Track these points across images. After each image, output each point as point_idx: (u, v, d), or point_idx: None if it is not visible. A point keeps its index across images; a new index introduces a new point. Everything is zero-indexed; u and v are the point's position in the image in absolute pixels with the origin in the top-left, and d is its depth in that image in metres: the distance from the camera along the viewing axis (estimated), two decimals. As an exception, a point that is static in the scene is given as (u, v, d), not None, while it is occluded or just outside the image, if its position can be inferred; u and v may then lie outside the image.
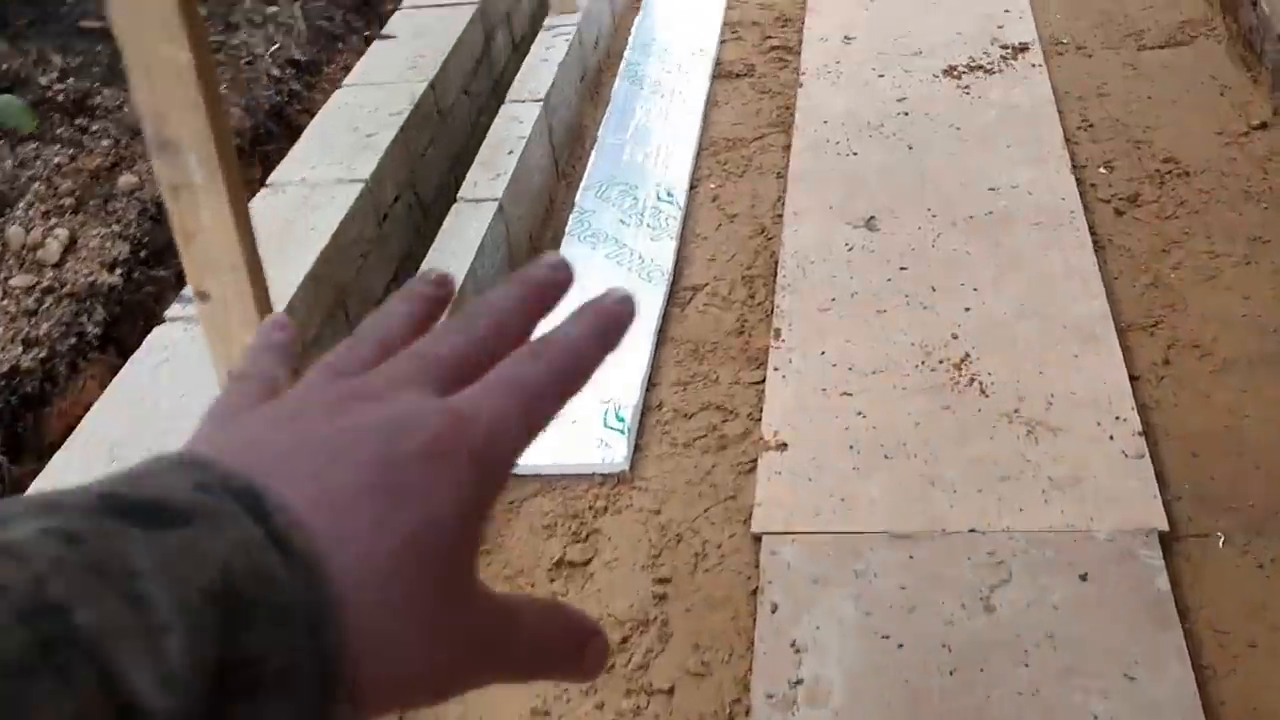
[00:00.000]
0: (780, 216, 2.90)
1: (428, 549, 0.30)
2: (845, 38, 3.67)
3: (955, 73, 3.38)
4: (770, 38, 3.79)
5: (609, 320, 0.36)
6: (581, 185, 3.02)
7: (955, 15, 3.68)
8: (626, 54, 3.68)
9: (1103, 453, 2.12)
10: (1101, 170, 2.91)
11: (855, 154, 3.10)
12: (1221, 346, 2.33)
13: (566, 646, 0.35)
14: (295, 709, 0.27)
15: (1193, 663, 1.76)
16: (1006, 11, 3.67)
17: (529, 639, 0.34)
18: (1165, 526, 1.96)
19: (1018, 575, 1.93)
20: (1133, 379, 2.27)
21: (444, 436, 0.31)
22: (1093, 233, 2.66)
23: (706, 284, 2.73)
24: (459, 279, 2.40)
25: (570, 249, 2.79)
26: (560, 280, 0.37)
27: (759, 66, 3.63)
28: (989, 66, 3.38)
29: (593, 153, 3.17)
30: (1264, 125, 2.94)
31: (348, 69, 3.00)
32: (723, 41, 3.79)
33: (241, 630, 0.26)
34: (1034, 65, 3.36)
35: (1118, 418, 2.19)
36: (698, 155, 3.20)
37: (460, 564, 0.31)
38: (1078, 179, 2.85)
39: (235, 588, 0.26)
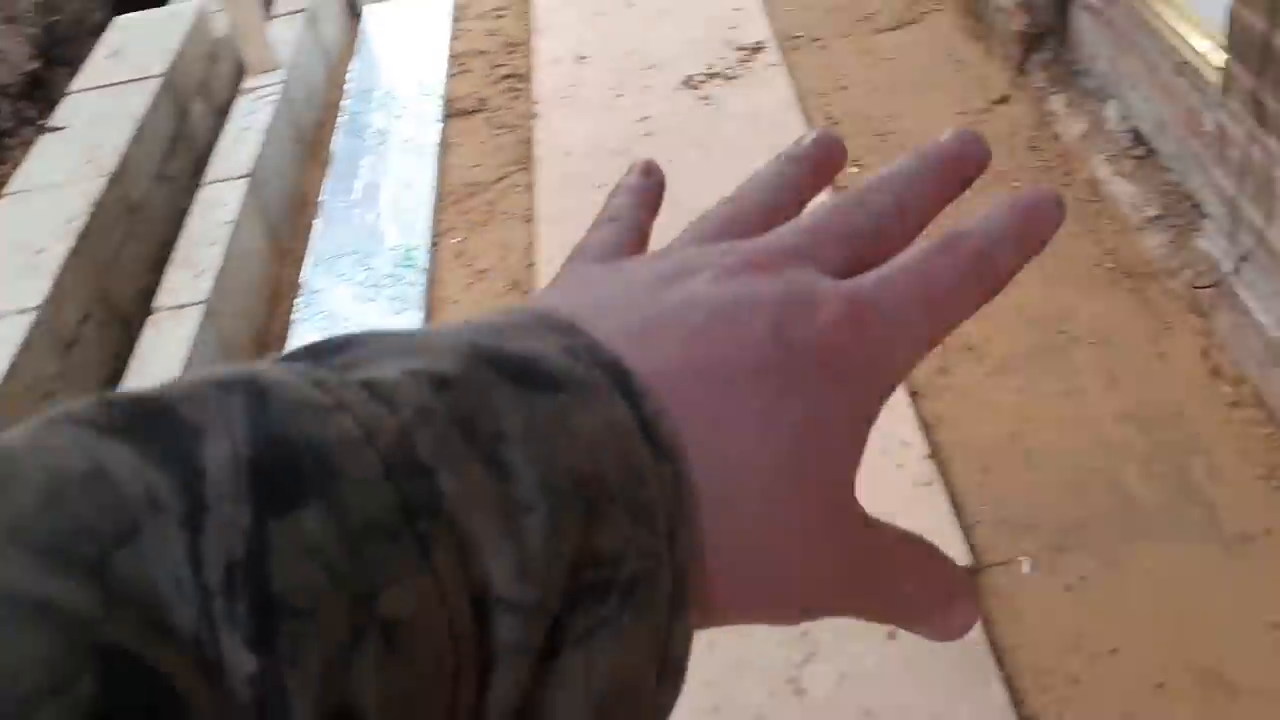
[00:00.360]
0: (533, 265, 2.68)
1: (816, 453, 0.26)
2: (578, 57, 3.47)
3: (694, 83, 3.23)
4: (500, 66, 3.56)
5: (1037, 219, 0.30)
6: (307, 262, 2.73)
7: (686, 20, 3.54)
8: (345, 104, 3.39)
9: (893, 484, 1.98)
10: (853, 170, 2.80)
11: (603, 186, 2.89)
12: (995, 344, 2.23)
13: (933, 598, 0.29)
14: (642, 620, 0.23)
15: (1019, 715, 1.63)
16: (737, 10, 3.54)
17: (897, 578, 0.28)
18: (968, 560, 1.84)
19: (825, 646, 1.76)
20: (912, 395, 2.14)
21: (843, 325, 0.27)
22: (853, 238, 2.54)
23: (459, 355, 2.48)
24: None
25: (301, 339, 2.50)
26: (975, 155, 0.32)
27: (492, 99, 3.40)
28: (727, 72, 3.24)
29: (317, 223, 2.87)
30: (1004, 99, 2.88)
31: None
32: (450, 75, 3.54)
33: (602, 524, 0.22)
34: (772, 65, 3.24)
35: (903, 442, 2.05)
36: (436, 207, 2.95)
37: (845, 476, 0.27)
38: (831, 181, 2.73)
39: (602, 474, 0.23)
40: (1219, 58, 2.14)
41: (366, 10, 3.91)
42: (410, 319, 2.53)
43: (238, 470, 0.19)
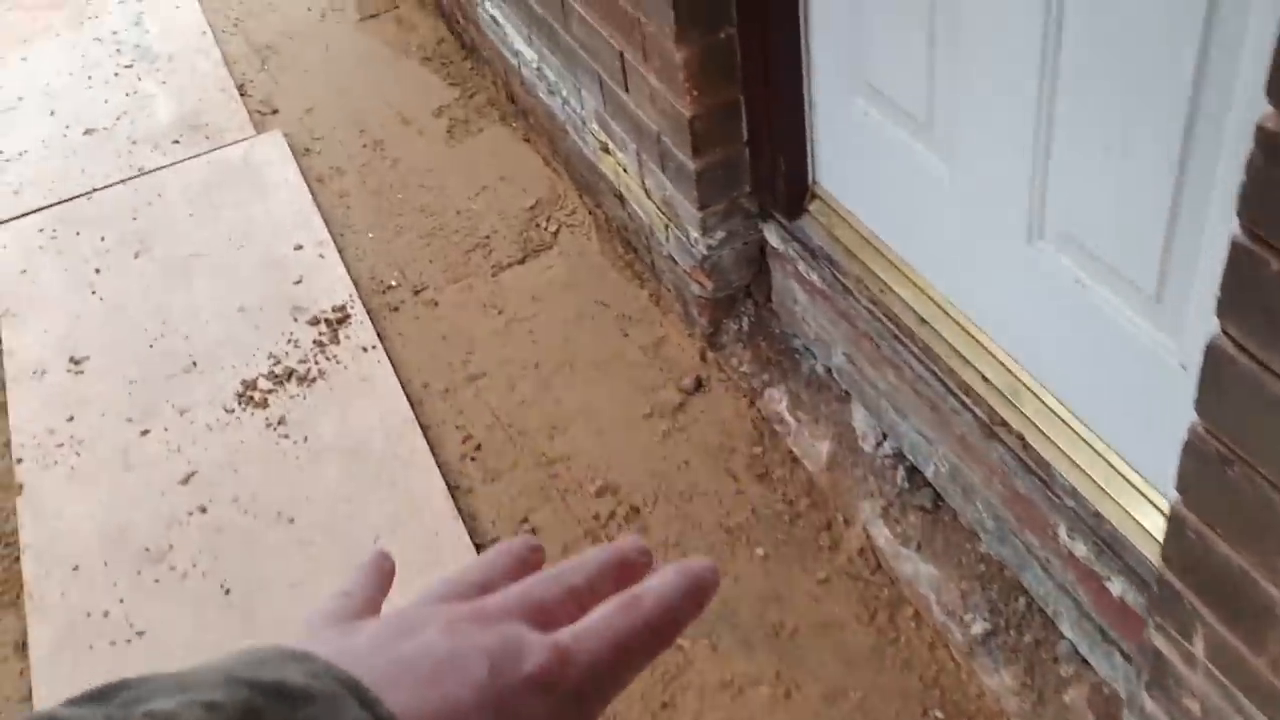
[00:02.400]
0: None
1: None
2: (74, 361, 2.34)
3: (257, 396, 2.21)
4: (-49, 386, 2.35)
5: (699, 583, 0.39)
6: None
7: (228, 274, 2.49)
8: None
9: None
10: (527, 526, 1.92)
11: (140, 634, 1.84)
12: None
13: None
14: None
15: None
16: (299, 248, 2.54)
17: None
18: None
19: None
20: None
21: (550, 669, 0.34)
22: (555, 698, 1.67)
23: None
24: None
25: None
26: (646, 563, 0.42)
27: (-58, 457, 2.21)
28: (304, 371, 2.25)
29: None
30: (700, 384, 2.10)
31: None
32: None
33: None
34: (367, 348, 2.28)
35: None
36: None
37: None
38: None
39: None
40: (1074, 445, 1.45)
41: None
42: None
43: None
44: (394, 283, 2.45)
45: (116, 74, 3.21)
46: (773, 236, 1.91)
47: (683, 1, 1.65)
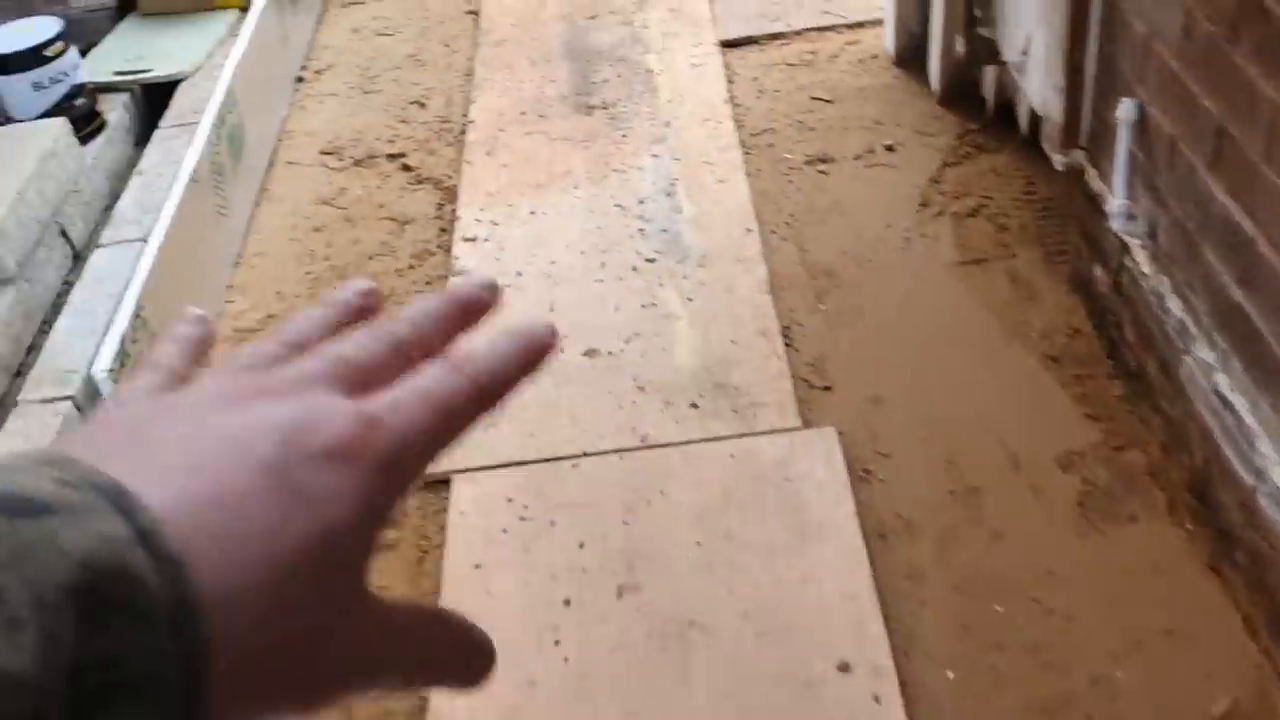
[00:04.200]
0: None
1: (320, 559, 0.29)
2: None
3: None
4: None
5: (533, 344, 0.35)
6: None
7: (739, 680, 1.70)
8: None
9: None
10: None
11: None
12: None
13: (454, 656, 0.34)
14: (155, 715, 0.25)
15: None
16: (845, 670, 1.71)
17: (416, 649, 0.33)
18: None
19: None
20: None
21: (349, 439, 0.30)
22: None
23: None
24: None
25: None
26: (488, 300, 0.37)
27: None
28: None
29: None
30: None
31: None
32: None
33: (101, 629, 0.25)
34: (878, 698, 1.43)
35: None
36: None
37: (352, 574, 0.30)
38: None
39: (96, 583, 0.25)
40: None
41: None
42: None
43: None
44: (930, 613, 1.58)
45: (635, 268, 2.55)
46: None
47: None
